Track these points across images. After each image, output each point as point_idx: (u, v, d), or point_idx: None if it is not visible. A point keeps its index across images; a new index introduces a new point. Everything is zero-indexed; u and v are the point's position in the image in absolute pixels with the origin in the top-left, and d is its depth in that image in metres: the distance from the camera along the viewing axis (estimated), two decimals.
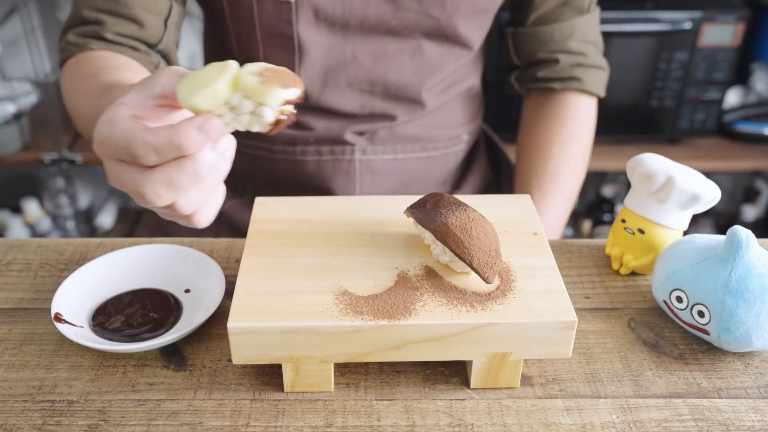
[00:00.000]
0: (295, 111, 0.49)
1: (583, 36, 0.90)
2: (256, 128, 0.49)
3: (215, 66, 0.48)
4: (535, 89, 0.95)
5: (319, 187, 0.90)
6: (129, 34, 0.77)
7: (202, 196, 0.50)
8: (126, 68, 0.71)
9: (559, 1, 0.88)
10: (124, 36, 0.77)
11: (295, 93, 0.48)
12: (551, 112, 0.92)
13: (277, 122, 0.48)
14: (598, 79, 0.92)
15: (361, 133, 0.89)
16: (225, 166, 0.50)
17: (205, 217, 0.52)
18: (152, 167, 0.47)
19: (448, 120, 0.93)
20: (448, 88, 0.91)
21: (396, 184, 0.92)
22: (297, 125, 0.88)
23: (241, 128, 0.49)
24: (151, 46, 0.79)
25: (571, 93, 0.92)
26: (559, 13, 0.89)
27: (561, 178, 0.90)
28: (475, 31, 0.86)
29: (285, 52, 0.82)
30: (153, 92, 0.50)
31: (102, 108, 0.61)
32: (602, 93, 0.93)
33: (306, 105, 0.87)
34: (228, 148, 0.49)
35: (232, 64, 0.48)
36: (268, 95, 0.47)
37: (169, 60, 0.81)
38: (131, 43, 0.77)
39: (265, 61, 0.84)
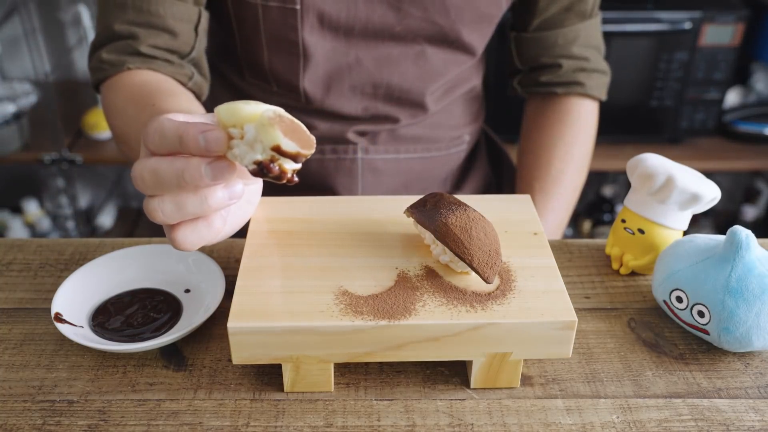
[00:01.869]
0: (291, 175, 0.49)
1: (585, 41, 0.91)
2: (244, 162, 0.48)
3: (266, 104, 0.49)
4: (538, 93, 0.95)
5: (322, 186, 0.90)
6: (163, 46, 0.77)
7: (177, 212, 0.50)
8: (180, 94, 0.72)
9: (563, 7, 0.88)
10: (158, 48, 0.76)
11: (291, 146, 0.47)
12: (554, 115, 0.93)
13: (265, 168, 0.47)
14: (601, 83, 0.93)
15: (363, 134, 0.89)
16: (212, 202, 0.49)
17: (183, 238, 0.51)
18: (151, 153, 0.50)
19: (449, 121, 0.94)
20: (450, 91, 0.91)
21: (398, 184, 0.92)
22: None
23: (237, 160, 0.49)
24: (182, 56, 0.79)
25: (574, 97, 0.93)
26: (562, 19, 0.89)
27: (563, 180, 0.90)
28: (479, 37, 0.86)
29: (289, 56, 0.82)
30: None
31: None
32: (604, 97, 0.94)
33: (309, 108, 0.87)
34: (234, 192, 0.50)
35: (278, 108, 0.49)
36: (264, 129, 0.47)
37: (199, 68, 0.81)
38: (165, 55, 0.77)
39: (269, 65, 0.84)
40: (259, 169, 0.48)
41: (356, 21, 0.80)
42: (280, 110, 0.48)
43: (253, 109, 0.48)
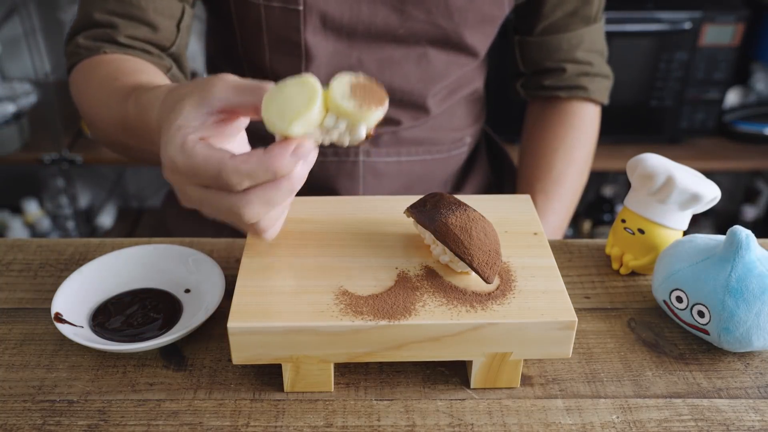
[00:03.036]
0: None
1: (589, 45, 0.91)
2: (346, 143, 0.50)
3: (297, 84, 0.48)
4: (541, 96, 0.95)
5: (323, 188, 0.90)
6: (142, 38, 0.76)
7: (282, 212, 0.52)
8: (145, 71, 0.70)
9: (568, 12, 0.88)
10: (137, 39, 0.76)
11: (385, 110, 0.49)
12: (556, 118, 0.93)
13: (367, 135, 0.50)
14: (603, 87, 0.93)
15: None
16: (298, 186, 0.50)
17: (276, 232, 0.55)
18: (245, 189, 0.48)
19: (451, 123, 0.94)
20: (452, 93, 0.91)
21: (399, 186, 0.92)
22: None
23: (328, 142, 0.50)
24: (162, 49, 0.78)
25: (577, 101, 0.93)
26: (567, 23, 0.89)
27: (564, 182, 0.90)
28: (481, 39, 0.86)
29: (291, 58, 0.82)
30: (212, 108, 0.50)
31: (132, 111, 0.61)
32: (606, 101, 0.95)
33: None
34: (313, 156, 0.50)
35: (315, 83, 0.48)
36: (369, 117, 0.48)
37: (179, 63, 0.81)
38: (143, 46, 0.76)
39: (271, 66, 0.84)
40: (365, 139, 0.50)
41: (359, 23, 0.80)
42: (341, 87, 0.48)
43: (319, 106, 0.48)
